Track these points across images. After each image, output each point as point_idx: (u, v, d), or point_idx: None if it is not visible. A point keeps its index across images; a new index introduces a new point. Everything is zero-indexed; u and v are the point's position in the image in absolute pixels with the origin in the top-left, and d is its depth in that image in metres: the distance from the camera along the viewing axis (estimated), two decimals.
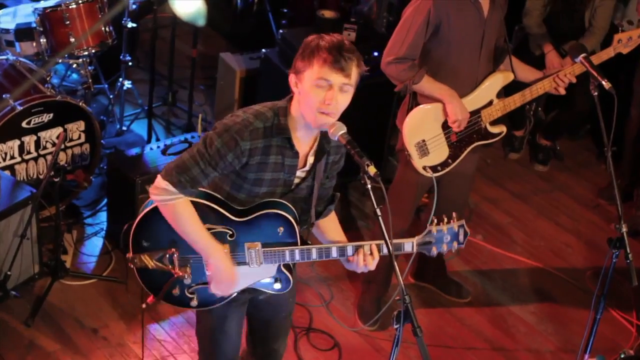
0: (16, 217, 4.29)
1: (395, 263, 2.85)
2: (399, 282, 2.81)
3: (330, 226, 3.26)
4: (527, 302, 5.00)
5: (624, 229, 3.52)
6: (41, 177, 4.78)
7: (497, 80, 4.22)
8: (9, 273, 4.24)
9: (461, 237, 3.16)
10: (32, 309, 4.38)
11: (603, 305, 3.66)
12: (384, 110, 5.47)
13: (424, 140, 4.16)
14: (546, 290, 5.14)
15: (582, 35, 5.58)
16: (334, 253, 3.08)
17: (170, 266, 3.11)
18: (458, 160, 4.27)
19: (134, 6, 5.44)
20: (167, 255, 3.11)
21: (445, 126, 4.18)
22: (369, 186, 2.83)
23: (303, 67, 2.86)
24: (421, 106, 4.16)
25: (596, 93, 3.68)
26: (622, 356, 4.29)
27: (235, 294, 3.17)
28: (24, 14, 5.15)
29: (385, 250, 3.03)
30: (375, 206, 2.83)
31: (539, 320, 4.89)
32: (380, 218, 2.82)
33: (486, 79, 4.20)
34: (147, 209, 3.07)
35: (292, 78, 2.92)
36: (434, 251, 3.13)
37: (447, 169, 4.25)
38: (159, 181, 2.95)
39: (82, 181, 4.72)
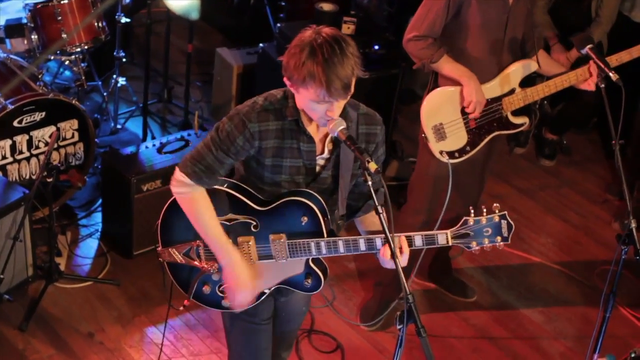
0: (8, 219, 4.23)
1: (398, 262, 2.78)
2: (402, 281, 2.74)
3: (373, 221, 3.11)
4: (534, 301, 4.94)
5: (633, 225, 3.46)
6: (34, 177, 4.72)
7: (520, 69, 4.13)
8: (1, 276, 4.19)
9: (504, 231, 2.95)
10: (26, 313, 4.34)
11: (612, 303, 3.60)
12: (386, 105, 5.40)
13: (441, 124, 4.09)
14: (554, 288, 5.08)
15: (589, 26, 5.49)
16: (362, 246, 2.98)
17: (197, 260, 3.09)
18: (477, 149, 4.18)
19: (127, 0, 5.38)
20: (195, 248, 3.08)
21: (464, 111, 4.10)
22: (370, 183, 2.76)
23: (299, 83, 2.75)
24: (441, 88, 4.10)
25: (603, 85, 3.61)
26: (633, 355, 4.21)
27: (267, 292, 3.12)
28: (15, 10, 5.09)
29: (418, 243, 2.94)
30: (377, 203, 2.76)
31: (547, 319, 4.83)
32: (382, 215, 2.75)
33: (509, 66, 4.12)
34: (170, 200, 3.06)
35: (287, 81, 2.83)
36: (475, 246, 2.96)
37: (465, 157, 4.17)
38: (177, 173, 2.95)
39: (76, 181, 4.66)
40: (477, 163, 4.28)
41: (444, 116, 4.09)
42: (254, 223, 3.00)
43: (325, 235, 2.98)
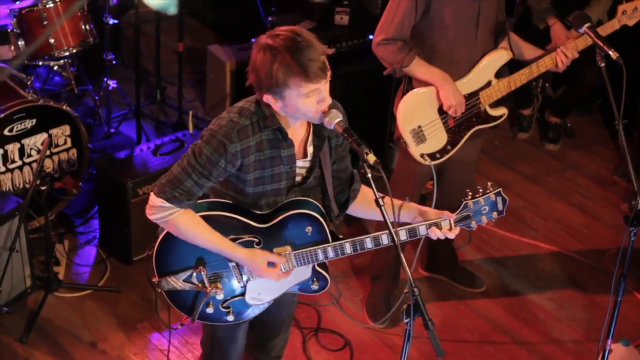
0: (3, 229, 4.20)
1: (402, 254, 2.76)
2: (407, 274, 2.71)
3: (367, 201, 3.15)
4: (544, 289, 4.88)
5: None
6: (27, 186, 4.67)
7: (494, 60, 4.05)
8: None
9: (500, 206, 3.06)
10: (26, 325, 4.30)
11: (624, 286, 3.53)
12: (383, 96, 5.37)
13: (419, 127, 4.01)
14: (564, 274, 5.01)
15: (588, 4, 5.40)
16: (369, 244, 3.00)
17: (200, 284, 3.07)
18: (458, 146, 4.11)
19: (114, 1, 5.31)
20: (195, 274, 3.06)
21: (441, 111, 4.02)
22: (370, 175, 2.75)
23: (279, 89, 2.74)
24: (415, 90, 4.01)
25: (603, 64, 3.56)
26: None
27: (272, 300, 3.15)
28: (0, 16, 4.99)
29: (422, 232, 2.99)
30: (377, 195, 2.75)
31: (558, 306, 4.78)
32: (382, 207, 2.75)
33: (483, 58, 4.03)
34: (165, 230, 3.01)
35: (267, 98, 2.79)
36: (474, 225, 3.05)
37: (447, 156, 4.10)
38: (153, 199, 2.89)
39: (71, 188, 4.66)
40: (462, 160, 4.21)
41: (421, 119, 4.01)
42: (257, 240, 3.01)
43: (330, 240, 3.02)
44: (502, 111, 4.17)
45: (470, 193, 3.03)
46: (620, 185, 5.77)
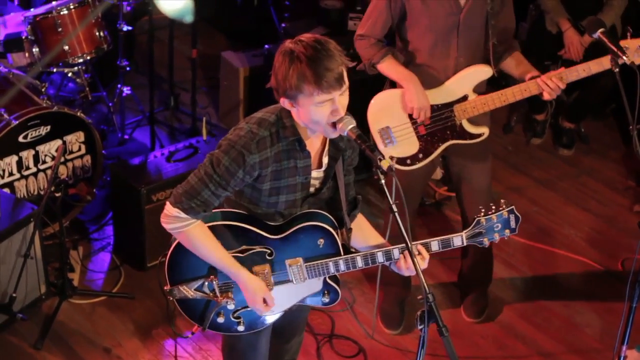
0: (18, 236, 4.20)
1: (416, 260, 2.80)
2: (421, 281, 2.71)
3: (363, 232, 3.18)
4: (559, 294, 4.86)
5: None
6: (42, 193, 4.68)
7: (473, 74, 3.94)
8: (14, 295, 4.16)
9: (512, 223, 3.07)
10: (41, 331, 4.30)
11: (639, 292, 3.51)
12: None
13: (388, 127, 3.97)
14: (578, 280, 4.99)
15: (601, 10, 5.38)
16: (380, 258, 3.03)
17: (211, 293, 3.07)
18: (431, 157, 4.04)
19: (128, 8, 5.31)
20: (207, 283, 3.06)
21: (412, 116, 3.96)
22: (383, 181, 2.75)
23: (293, 93, 2.75)
24: (388, 90, 4.00)
25: (617, 69, 3.54)
26: None
27: (283, 312, 3.15)
28: (15, 23, 5.02)
29: (434, 248, 3.02)
30: (391, 202, 2.74)
31: (572, 312, 4.75)
32: (396, 214, 2.74)
33: (461, 71, 3.94)
34: (175, 242, 3.03)
35: (283, 101, 2.81)
36: (486, 242, 3.07)
37: (418, 165, 4.04)
38: (169, 209, 2.88)
39: (85, 195, 4.67)
40: (479, 165, 4.16)
41: (391, 120, 3.97)
42: (269, 251, 3.01)
43: (342, 253, 3.03)
44: (481, 130, 4.04)
45: (483, 210, 3.04)
46: (635, 190, 5.73)
